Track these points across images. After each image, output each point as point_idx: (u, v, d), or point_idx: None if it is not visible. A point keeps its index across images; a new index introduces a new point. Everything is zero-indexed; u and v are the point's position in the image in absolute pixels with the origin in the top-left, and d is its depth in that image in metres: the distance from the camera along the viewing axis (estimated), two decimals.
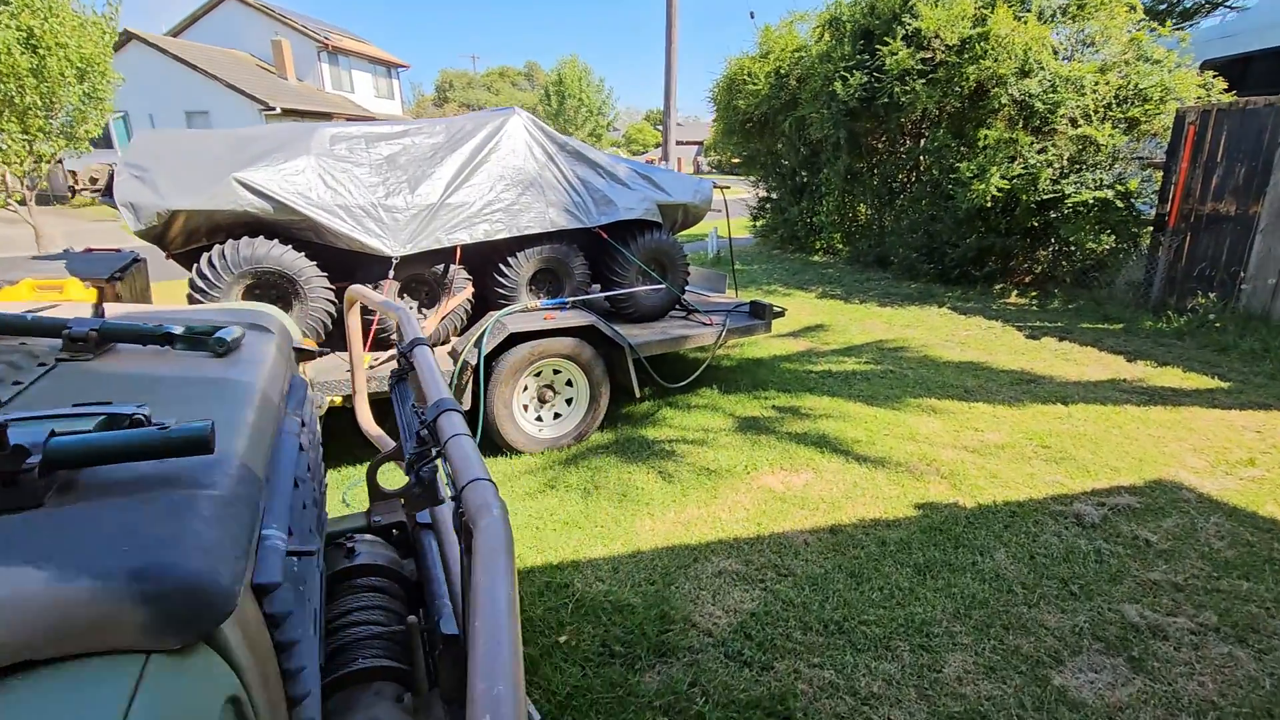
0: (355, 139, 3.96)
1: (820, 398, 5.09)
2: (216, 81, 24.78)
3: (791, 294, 8.78)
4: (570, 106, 27.20)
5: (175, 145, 3.80)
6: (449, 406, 1.17)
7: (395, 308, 2.04)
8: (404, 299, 4.14)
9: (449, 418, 1.10)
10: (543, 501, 3.63)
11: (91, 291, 3.47)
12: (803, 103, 10.22)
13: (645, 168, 4.90)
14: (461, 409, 1.14)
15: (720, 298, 5.89)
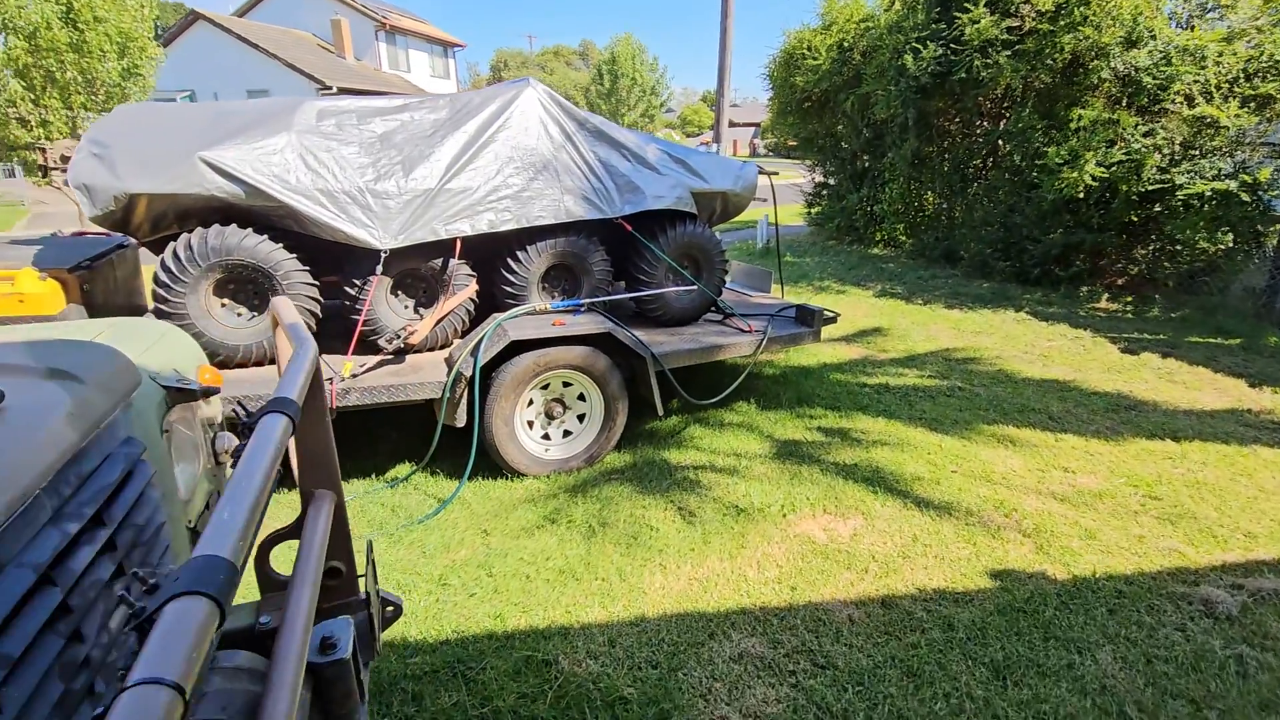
0: (346, 114, 3.48)
1: (875, 419, 4.41)
2: (277, 61, 25.11)
3: (846, 291, 8.00)
4: (623, 86, 26.43)
5: (147, 120, 3.40)
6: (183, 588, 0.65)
7: (300, 338, 1.53)
8: (398, 297, 3.66)
9: None
10: (538, 541, 3.12)
11: (49, 284, 3.12)
12: (867, 79, 9.31)
13: (680, 150, 4.28)
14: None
15: (764, 298, 5.23)
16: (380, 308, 3.54)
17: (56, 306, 3.10)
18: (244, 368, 3.41)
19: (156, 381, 1.50)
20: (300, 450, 1.47)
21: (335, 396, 3.18)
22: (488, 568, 2.93)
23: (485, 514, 3.35)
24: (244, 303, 3.38)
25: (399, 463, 3.83)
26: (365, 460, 3.83)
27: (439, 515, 3.33)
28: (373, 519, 3.31)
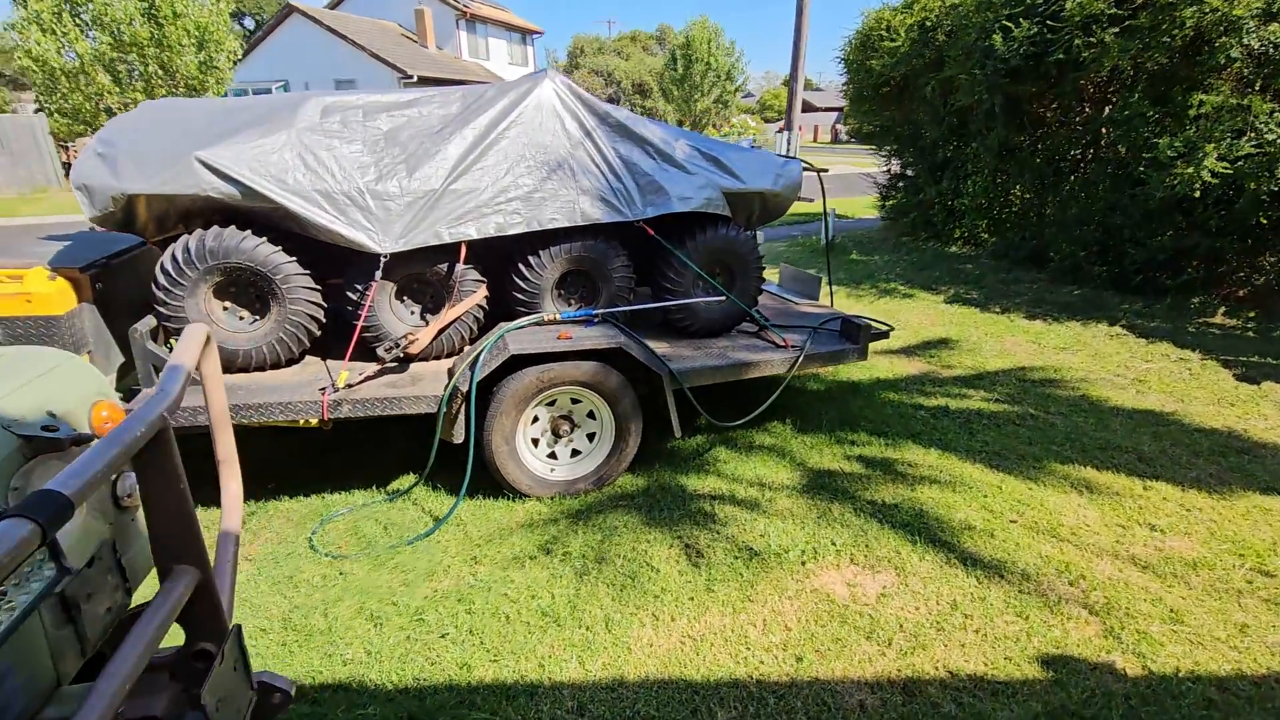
0: (351, 109, 3.31)
1: (926, 450, 3.91)
2: (362, 51, 25.98)
3: (913, 295, 7.35)
4: (697, 71, 25.75)
5: (161, 117, 3.34)
6: None
7: (162, 384, 1.33)
8: (403, 303, 3.49)
9: None
10: (528, 574, 2.87)
11: (58, 283, 3.11)
12: (950, 62, 8.50)
13: (715, 145, 3.89)
14: None
15: (810, 305, 4.78)
16: (383, 314, 3.37)
17: (65, 306, 3.09)
18: (246, 372, 3.32)
19: (10, 430, 1.32)
20: (151, 521, 1.26)
21: (327, 408, 3.03)
22: (469, 603, 2.71)
23: (479, 537, 3.14)
24: (246, 306, 3.29)
25: (404, 473, 3.68)
26: (371, 469, 3.70)
27: (431, 536, 3.14)
28: (364, 536, 3.16)
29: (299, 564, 2.98)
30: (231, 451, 1.88)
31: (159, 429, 1.18)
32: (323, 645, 2.51)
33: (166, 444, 1.21)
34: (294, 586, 2.83)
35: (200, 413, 2.93)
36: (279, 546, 3.11)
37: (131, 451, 1.07)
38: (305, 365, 3.48)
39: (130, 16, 7.96)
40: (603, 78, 36.84)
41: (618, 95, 37.65)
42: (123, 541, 1.64)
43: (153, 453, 1.19)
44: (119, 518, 1.64)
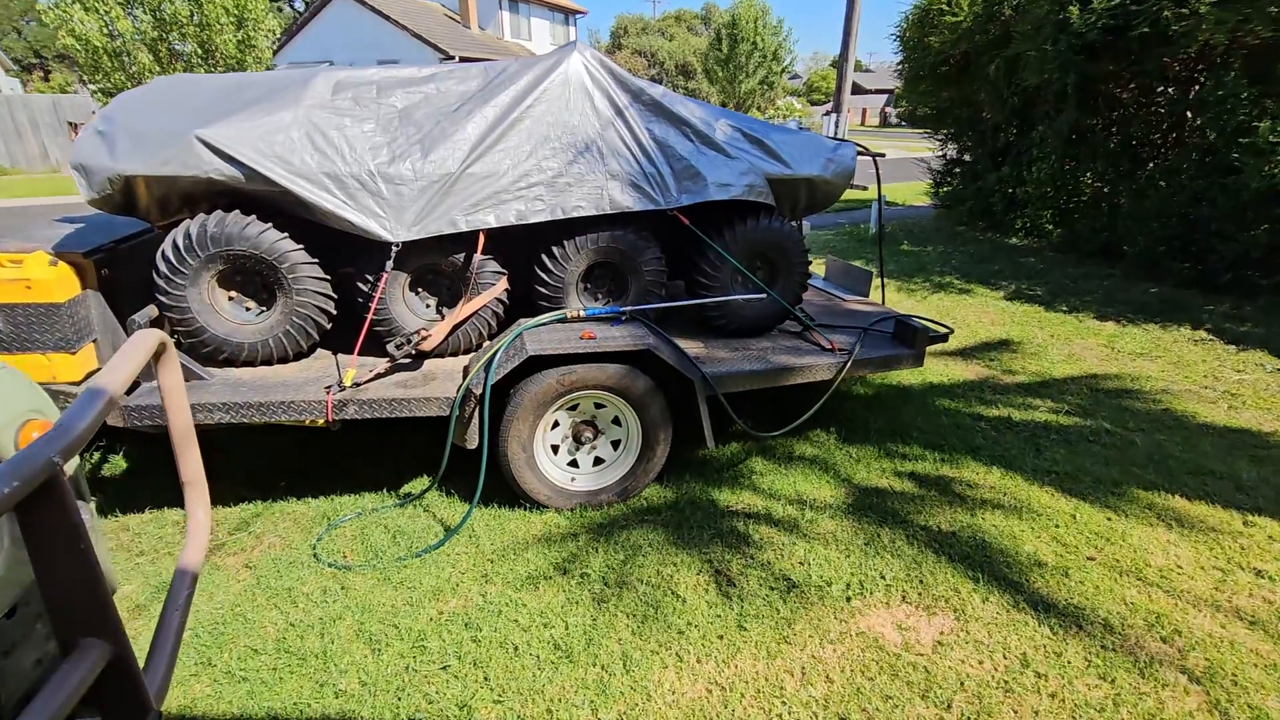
0: (364, 86, 3.06)
1: (988, 468, 3.53)
2: (405, 31, 25.96)
3: (971, 291, 6.84)
4: (742, 51, 24.97)
5: (170, 93, 3.15)
6: None
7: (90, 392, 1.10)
8: (417, 295, 3.25)
9: None
10: (542, 597, 2.62)
11: (61, 269, 2.96)
12: (1018, 38, 7.86)
13: (759, 127, 3.53)
14: None
15: (859, 302, 4.40)
16: (395, 306, 3.14)
17: (67, 293, 2.93)
18: (252, 366, 3.14)
19: None
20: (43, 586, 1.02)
21: (331, 409, 2.82)
22: (475, 628, 2.48)
23: (492, 551, 2.91)
24: (253, 296, 3.09)
25: (418, 474, 3.47)
26: (384, 466, 3.50)
27: (440, 548, 2.92)
28: (371, 545, 2.96)
29: (301, 574, 2.79)
30: (198, 472, 1.65)
31: (44, 478, 0.93)
32: (316, 672, 2.30)
33: (57, 495, 0.96)
34: (293, 601, 2.64)
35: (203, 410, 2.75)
36: (283, 553, 2.93)
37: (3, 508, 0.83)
38: (315, 359, 3.29)
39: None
40: (646, 58, 36.16)
41: (661, 76, 36.94)
42: None
43: (41, 506, 0.95)
44: None
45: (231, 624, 2.53)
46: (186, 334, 2.99)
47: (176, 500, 3.25)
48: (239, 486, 3.38)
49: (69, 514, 0.98)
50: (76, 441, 1.01)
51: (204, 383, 2.92)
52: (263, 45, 9.40)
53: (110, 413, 1.15)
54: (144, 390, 2.85)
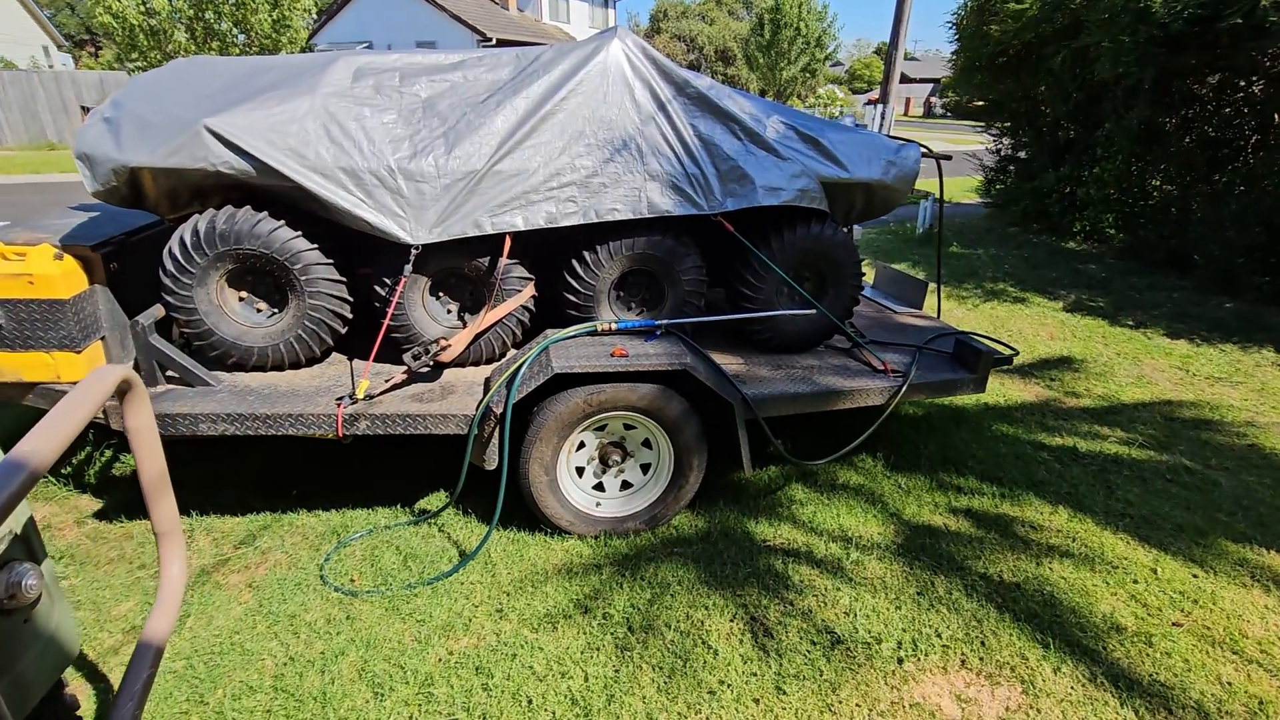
0: (387, 73, 2.83)
1: (1053, 508, 3.20)
2: (444, 13, 25.83)
3: (1026, 300, 6.41)
4: (784, 38, 24.24)
5: (184, 78, 2.96)
6: None
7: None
8: (439, 300, 3.03)
9: None
10: (560, 640, 2.40)
11: (66, 263, 2.80)
12: (1090, 28, 7.32)
13: (813, 124, 3.21)
14: None
15: (912, 315, 4.06)
16: (414, 311, 2.92)
17: (72, 289, 2.77)
18: (262, 371, 2.96)
19: None
20: None
21: (342, 424, 2.62)
22: (487, 674, 2.27)
23: (509, 582, 2.70)
24: (264, 297, 2.91)
25: (435, 488, 3.28)
26: (401, 477, 3.32)
27: (454, 576, 2.72)
28: (381, 568, 2.77)
29: (305, 599, 2.61)
30: (174, 522, 1.44)
31: None
32: (313, 717, 2.12)
33: None
34: (294, 631, 2.46)
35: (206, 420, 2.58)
36: (289, 573, 2.75)
37: None
38: (329, 365, 3.10)
39: None
40: (685, 43, 35.47)
41: (700, 61, 36.25)
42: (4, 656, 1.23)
43: None
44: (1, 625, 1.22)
45: (229, 655, 2.35)
46: (194, 336, 2.82)
47: (187, 506, 3.10)
48: (249, 494, 3.22)
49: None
50: None
51: (210, 390, 2.75)
52: (298, 25, 9.28)
53: (30, 489, 0.94)
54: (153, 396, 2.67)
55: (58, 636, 1.36)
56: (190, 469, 3.37)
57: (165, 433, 2.61)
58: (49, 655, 1.33)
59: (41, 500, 3.18)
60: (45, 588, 1.33)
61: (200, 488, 3.24)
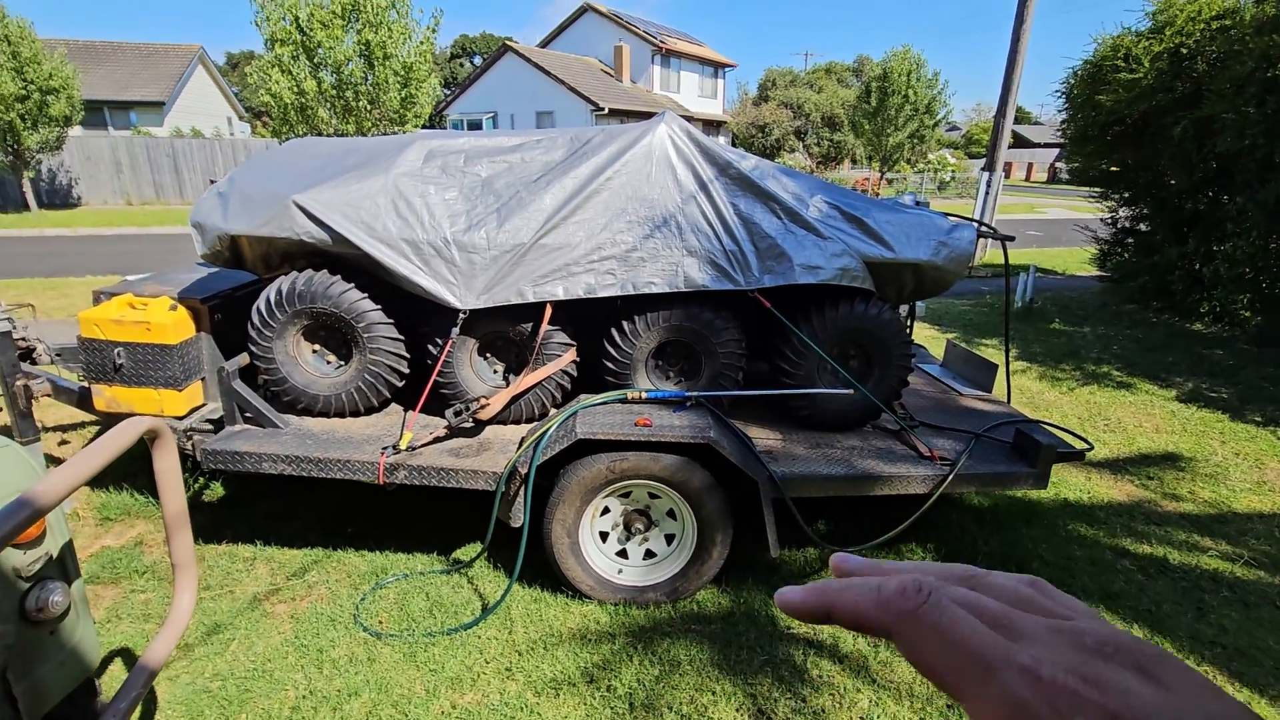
0: (454, 154, 3.13)
1: (1128, 626, 2.85)
2: (561, 85, 27.82)
3: (1133, 386, 5.85)
4: (892, 104, 24.10)
5: (289, 156, 3.42)
6: None
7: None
8: (486, 360, 3.22)
9: None
10: (558, 709, 2.40)
11: (179, 314, 3.25)
12: (1213, 97, 6.81)
13: (860, 204, 3.19)
14: None
15: (979, 398, 3.84)
16: (461, 370, 3.13)
17: (180, 336, 3.20)
18: (326, 417, 3.24)
19: None
20: None
21: (383, 472, 2.82)
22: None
23: (523, 641, 2.74)
24: (334, 351, 3.22)
25: (471, 539, 3.41)
26: (438, 528, 3.47)
27: (473, 629, 2.79)
28: (408, 612, 2.90)
29: (335, 636, 2.77)
30: (189, 555, 1.62)
31: None
32: None
33: None
34: (318, 665, 2.61)
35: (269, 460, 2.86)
36: (327, 607, 2.94)
37: None
38: (386, 414, 3.35)
39: (349, 57, 9.00)
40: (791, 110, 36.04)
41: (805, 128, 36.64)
42: (25, 662, 1.42)
43: None
44: (25, 634, 1.41)
45: (258, 681, 2.53)
46: (271, 382, 3.15)
47: (254, 536, 3.41)
48: (310, 529, 3.49)
49: None
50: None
51: (278, 431, 3.05)
52: (423, 101, 10.37)
53: (29, 526, 1.11)
54: (224, 434, 3.01)
55: (79, 650, 1.55)
56: (265, 501, 3.70)
57: (235, 468, 2.91)
58: (68, 666, 1.51)
59: (142, 519, 3.59)
60: (73, 604, 1.53)
61: (269, 519, 3.55)
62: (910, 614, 0.30)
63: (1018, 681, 0.26)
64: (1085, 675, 0.26)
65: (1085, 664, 0.27)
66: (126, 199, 19.58)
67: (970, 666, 0.27)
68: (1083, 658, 0.27)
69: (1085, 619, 0.30)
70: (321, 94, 9.35)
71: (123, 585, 3.07)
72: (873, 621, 0.31)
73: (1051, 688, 0.26)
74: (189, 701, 2.43)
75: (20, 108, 14.06)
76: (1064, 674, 0.26)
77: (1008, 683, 0.26)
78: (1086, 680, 0.26)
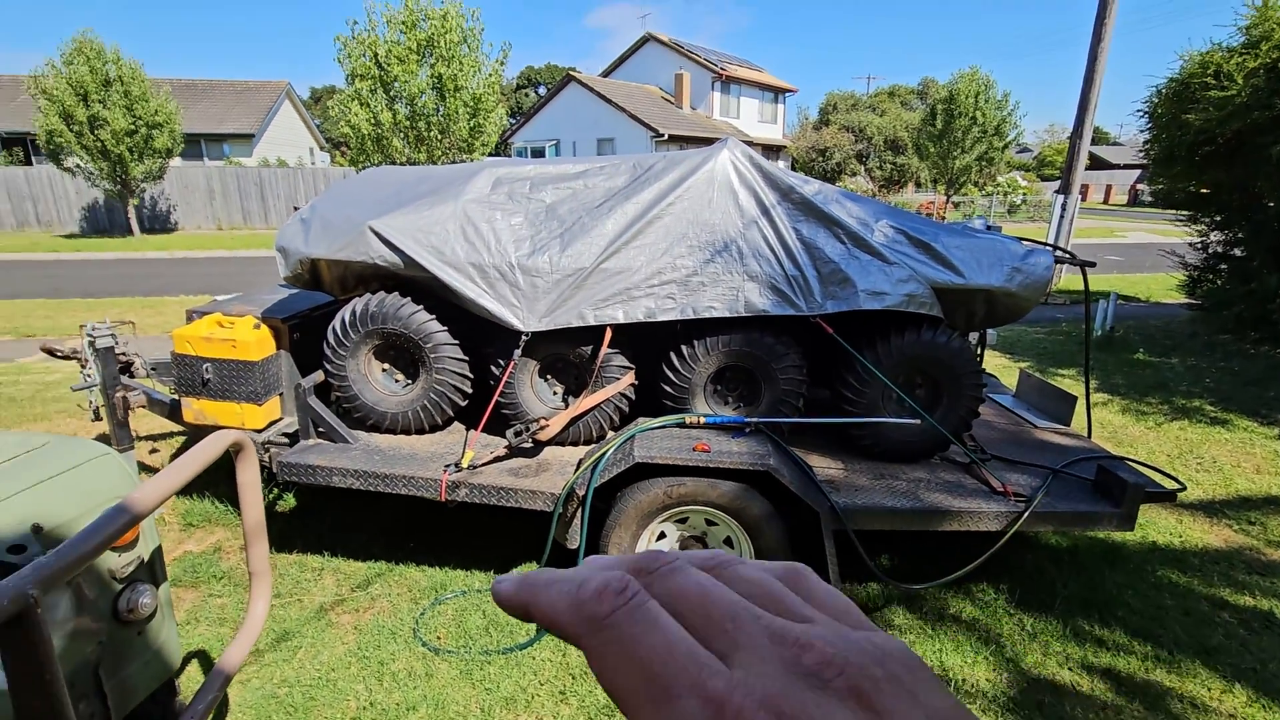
0: (520, 181, 3.23)
1: (1228, 686, 2.62)
2: (622, 113, 28.40)
3: (1229, 421, 5.43)
4: (959, 127, 23.50)
5: (366, 184, 3.60)
6: None
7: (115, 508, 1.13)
8: (546, 382, 3.28)
9: None
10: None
11: (261, 332, 3.44)
12: None
13: (929, 229, 3.11)
14: None
15: (1055, 432, 3.64)
16: (522, 391, 3.19)
17: (262, 353, 3.39)
18: (393, 434, 3.35)
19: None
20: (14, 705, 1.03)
21: (445, 489, 2.89)
22: None
23: (578, 664, 2.73)
24: (402, 370, 3.34)
25: (530, 557, 3.43)
26: (498, 544, 3.51)
27: (528, 649, 2.80)
28: (466, 629, 2.93)
29: (396, 649, 2.83)
30: (264, 564, 1.69)
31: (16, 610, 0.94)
32: None
33: (27, 627, 0.96)
34: (379, 678, 2.67)
35: (338, 474, 2.97)
36: (389, 620, 3.01)
37: None
38: (450, 432, 3.43)
39: (423, 90, 9.48)
40: (852, 133, 35.66)
41: (867, 151, 36.15)
42: (116, 660, 1.50)
43: (12, 634, 0.96)
44: (117, 633, 1.50)
45: (323, 690, 2.61)
46: (343, 399, 3.29)
47: (322, 546, 3.53)
48: (374, 541, 3.59)
49: (36, 646, 0.98)
50: (60, 573, 1.01)
51: (348, 446, 3.17)
52: (490, 130, 10.79)
53: (127, 531, 1.18)
54: (299, 448, 3.15)
55: (163, 650, 1.63)
56: (332, 513, 3.84)
57: (307, 480, 3.04)
58: (153, 666, 1.60)
59: (221, 526, 3.78)
60: (159, 607, 1.62)
61: (336, 531, 3.68)
62: (602, 620, 0.25)
63: (697, 713, 0.22)
64: (780, 710, 0.21)
65: (787, 692, 0.22)
66: (218, 224, 21.02)
67: (648, 688, 0.23)
68: (787, 683, 0.22)
69: (825, 625, 0.26)
70: (396, 125, 9.88)
71: (201, 589, 3.23)
72: (565, 627, 0.26)
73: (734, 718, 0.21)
74: (258, 706, 2.51)
75: (129, 141, 15.36)
76: (754, 707, 0.21)
77: (684, 713, 0.22)
78: (779, 716, 0.21)
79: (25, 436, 1.51)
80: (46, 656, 0.99)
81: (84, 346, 3.71)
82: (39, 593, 0.97)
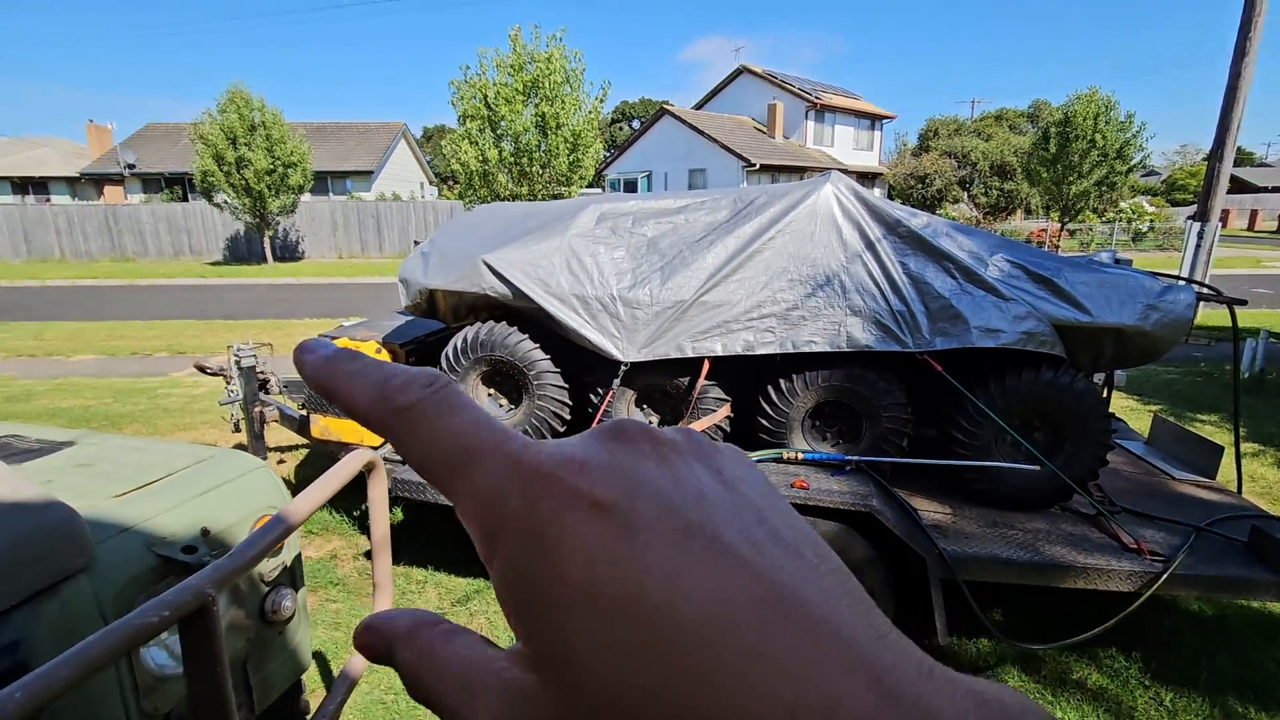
0: (623, 216, 3.33)
1: None
2: (714, 143, 28.71)
3: None
4: (1075, 150, 22.04)
5: (479, 219, 3.83)
6: None
7: (276, 518, 1.26)
8: (643, 411, 3.33)
9: None
10: None
11: (383, 356, 3.71)
12: None
13: (1051, 263, 2.93)
14: None
15: (1197, 485, 3.30)
16: None
17: None
18: None
19: (153, 550, 1.37)
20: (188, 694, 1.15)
21: None
22: None
23: None
24: (507, 395, 3.49)
25: None
26: None
27: None
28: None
29: None
30: (387, 577, 1.80)
31: (196, 606, 1.06)
32: None
33: (204, 623, 1.08)
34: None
35: None
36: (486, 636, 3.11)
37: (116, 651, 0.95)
38: None
39: (527, 128, 10.00)
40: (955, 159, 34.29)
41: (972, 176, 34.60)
42: (260, 656, 1.64)
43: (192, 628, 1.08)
44: (263, 632, 1.65)
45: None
46: None
47: (427, 561, 3.71)
48: (473, 559, 3.72)
49: (211, 640, 1.09)
50: (232, 575, 1.13)
51: None
52: (588, 164, 11.21)
53: (283, 539, 1.30)
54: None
55: (298, 651, 1.77)
56: (437, 528, 4.04)
57: (418, 497, 3.22)
58: (290, 664, 1.73)
59: (337, 535, 4.06)
60: (297, 610, 1.76)
61: (439, 546, 3.85)
62: (409, 407, 0.25)
63: (500, 471, 0.23)
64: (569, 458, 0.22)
65: (582, 447, 0.23)
66: (339, 254, 22.90)
67: (459, 457, 0.24)
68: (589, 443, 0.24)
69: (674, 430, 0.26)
70: (501, 161, 10.47)
71: (319, 594, 3.46)
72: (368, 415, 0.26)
73: (528, 472, 0.22)
74: (366, 710, 2.66)
75: (268, 179, 17.12)
76: (547, 458, 0.23)
77: (490, 472, 0.23)
78: (570, 459, 0.22)
79: (195, 449, 1.70)
80: (218, 648, 1.11)
81: (230, 364, 4.12)
82: (215, 591, 1.09)
